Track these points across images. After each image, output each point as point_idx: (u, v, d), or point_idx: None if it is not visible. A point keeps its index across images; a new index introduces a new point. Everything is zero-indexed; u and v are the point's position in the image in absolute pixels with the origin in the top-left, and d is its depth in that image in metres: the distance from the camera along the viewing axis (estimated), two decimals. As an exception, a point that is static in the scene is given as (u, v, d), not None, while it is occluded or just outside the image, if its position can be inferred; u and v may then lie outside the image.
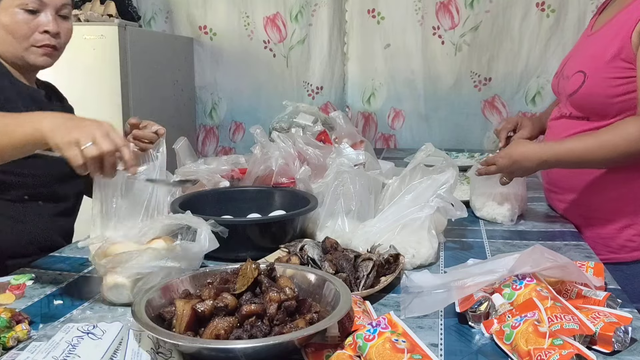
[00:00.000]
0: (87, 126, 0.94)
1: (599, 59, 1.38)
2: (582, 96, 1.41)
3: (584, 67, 1.42)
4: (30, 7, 1.27)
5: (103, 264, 1.01)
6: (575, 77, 1.43)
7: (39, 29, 1.29)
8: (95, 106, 2.20)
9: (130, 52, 2.41)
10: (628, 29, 1.33)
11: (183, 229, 1.19)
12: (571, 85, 1.44)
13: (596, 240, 1.43)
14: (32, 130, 0.96)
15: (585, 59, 1.45)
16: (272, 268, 0.93)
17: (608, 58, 1.36)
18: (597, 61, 1.39)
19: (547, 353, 0.75)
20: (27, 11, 1.28)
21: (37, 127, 0.96)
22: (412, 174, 1.31)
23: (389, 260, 1.08)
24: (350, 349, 0.79)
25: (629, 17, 1.35)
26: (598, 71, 1.38)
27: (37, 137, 0.96)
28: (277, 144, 1.54)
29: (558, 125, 1.52)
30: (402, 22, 2.94)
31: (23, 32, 1.29)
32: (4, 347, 0.84)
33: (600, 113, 1.39)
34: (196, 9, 3.04)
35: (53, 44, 1.32)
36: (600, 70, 1.37)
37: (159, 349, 0.81)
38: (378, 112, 3.09)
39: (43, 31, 1.29)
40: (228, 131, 3.18)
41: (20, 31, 1.28)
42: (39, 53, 1.31)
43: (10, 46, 1.30)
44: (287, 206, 1.36)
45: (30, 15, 1.28)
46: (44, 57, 1.32)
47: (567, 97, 1.47)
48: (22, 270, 1.16)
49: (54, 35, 1.31)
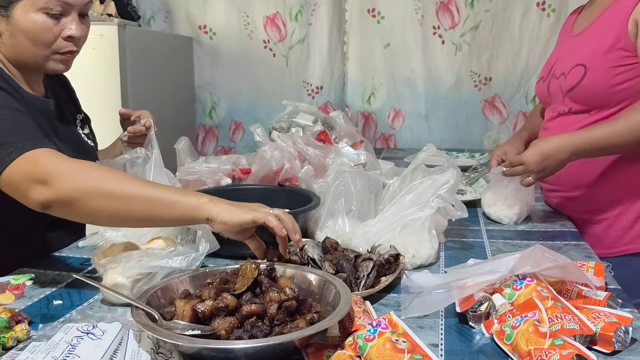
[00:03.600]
0: (246, 205, 1.03)
1: (597, 51, 1.41)
2: (584, 89, 1.42)
3: (583, 60, 1.44)
4: (54, 11, 1.13)
5: (103, 264, 1.01)
6: (574, 71, 1.45)
7: (62, 34, 1.16)
8: (95, 106, 2.19)
9: (129, 51, 2.41)
10: (623, 19, 1.37)
11: (183, 229, 1.19)
12: (570, 81, 1.46)
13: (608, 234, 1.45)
14: (195, 206, 1.00)
15: (582, 54, 1.46)
16: (272, 268, 0.93)
17: (606, 48, 1.39)
18: (596, 53, 1.42)
19: (548, 353, 0.75)
20: (50, 15, 1.13)
21: (198, 202, 1.00)
22: (413, 174, 1.31)
23: (389, 260, 1.08)
24: (351, 349, 0.79)
25: (620, 9, 1.39)
26: (598, 62, 1.40)
27: (199, 212, 0.99)
28: (280, 143, 1.55)
29: (556, 124, 1.53)
30: (402, 22, 2.94)
31: (46, 39, 1.15)
32: (3, 347, 0.84)
33: (602, 104, 1.42)
34: (196, 9, 3.03)
35: (75, 49, 1.21)
36: (600, 61, 1.40)
37: (159, 349, 0.81)
38: (378, 111, 3.09)
39: (67, 37, 1.17)
40: (227, 131, 3.18)
41: (43, 38, 1.14)
42: (59, 60, 1.19)
43: (29, 52, 1.16)
44: (292, 204, 1.36)
45: (54, 19, 1.14)
46: (63, 65, 1.21)
47: (565, 93, 1.48)
48: (21, 270, 1.16)
49: (78, 40, 1.19)
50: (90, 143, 1.39)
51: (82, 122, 1.41)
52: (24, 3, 1.12)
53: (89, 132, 1.42)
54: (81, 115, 1.42)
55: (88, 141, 1.38)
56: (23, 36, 1.14)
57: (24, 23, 1.13)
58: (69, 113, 1.37)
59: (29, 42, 1.15)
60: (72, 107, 1.40)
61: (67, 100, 1.39)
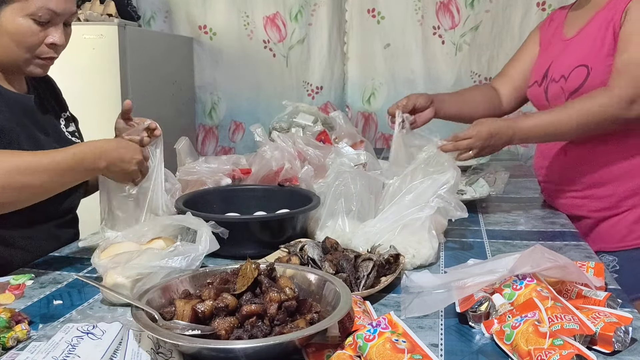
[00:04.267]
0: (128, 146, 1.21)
1: (598, 52, 1.41)
2: (589, 89, 1.40)
3: (584, 61, 1.43)
4: (42, 19, 1.17)
5: (103, 264, 1.01)
6: (576, 72, 1.44)
7: (46, 40, 1.20)
8: (95, 106, 2.20)
9: (129, 51, 2.41)
10: (618, 18, 1.37)
11: (183, 229, 1.19)
12: (572, 82, 1.45)
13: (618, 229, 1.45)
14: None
15: (581, 55, 1.45)
16: (272, 268, 0.93)
17: (606, 49, 1.39)
18: (597, 54, 1.41)
19: (548, 353, 0.75)
20: (37, 22, 1.17)
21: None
22: (413, 174, 1.31)
23: (389, 260, 1.08)
24: (351, 349, 0.79)
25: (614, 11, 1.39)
26: (600, 61, 1.40)
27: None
28: (280, 143, 1.55)
29: None
30: (402, 22, 2.94)
31: (31, 43, 1.19)
32: (3, 347, 0.84)
33: None
34: (196, 9, 3.04)
35: (56, 56, 1.25)
36: (602, 60, 1.40)
37: (159, 349, 0.81)
38: (378, 111, 3.09)
39: (50, 44, 1.21)
40: (227, 131, 3.18)
41: (27, 42, 1.18)
42: (39, 65, 1.24)
43: (12, 54, 1.20)
44: (292, 204, 1.36)
45: (40, 26, 1.18)
46: (41, 69, 1.25)
47: (568, 95, 1.46)
48: (21, 270, 1.16)
49: (59, 47, 1.24)
50: (75, 140, 1.40)
51: (67, 120, 1.42)
52: (13, 6, 1.15)
53: (75, 131, 1.43)
54: (66, 114, 1.43)
55: (72, 138, 1.39)
56: (8, 38, 1.17)
57: (11, 25, 1.16)
58: (52, 110, 1.38)
59: (13, 44, 1.18)
60: (56, 105, 1.41)
61: (50, 98, 1.41)
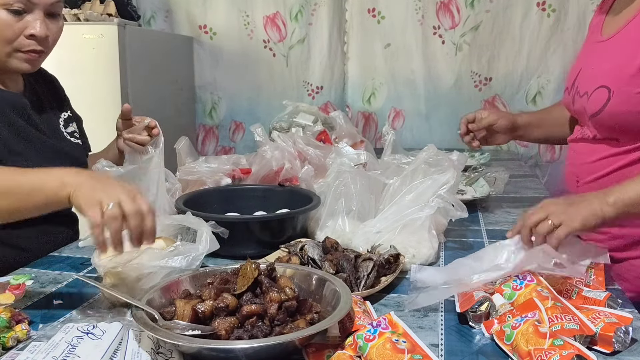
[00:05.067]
0: (112, 186, 0.89)
1: (623, 72, 1.18)
2: (608, 115, 1.21)
3: (607, 81, 1.22)
4: (15, 7, 1.12)
5: (103, 264, 1.01)
6: (597, 93, 1.23)
7: (25, 32, 1.15)
8: (95, 106, 2.20)
9: (129, 51, 2.41)
10: None
11: (183, 229, 1.19)
12: (593, 104, 1.24)
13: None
14: (55, 191, 0.90)
15: (606, 72, 1.24)
16: (273, 268, 0.93)
17: (634, 70, 1.16)
18: (622, 74, 1.19)
19: (548, 353, 0.75)
20: (11, 11, 1.12)
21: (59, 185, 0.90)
22: (413, 174, 1.31)
23: (390, 260, 1.08)
24: (351, 349, 0.79)
25: None
26: (624, 85, 1.18)
27: (60, 196, 0.90)
28: (280, 143, 1.55)
29: (580, 148, 1.34)
30: (402, 22, 2.94)
31: (6, 35, 1.14)
32: (3, 347, 0.84)
33: (631, 133, 1.20)
34: (196, 8, 3.03)
35: (40, 49, 1.18)
36: (627, 84, 1.17)
37: (159, 349, 0.81)
38: (378, 111, 3.09)
39: (29, 35, 1.15)
40: (228, 131, 3.18)
41: (2, 34, 1.13)
42: (22, 59, 1.18)
43: None
44: (292, 204, 1.36)
45: (16, 16, 1.13)
46: (28, 64, 1.19)
47: (589, 117, 1.27)
48: (21, 270, 1.16)
49: (42, 40, 1.17)
50: (73, 140, 1.38)
51: (67, 120, 1.41)
52: None
53: (75, 131, 1.42)
54: (66, 114, 1.42)
55: (71, 139, 1.38)
56: None
57: None
58: (50, 109, 1.36)
59: None
60: (55, 105, 1.40)
61: (49, 97, 1.39)
